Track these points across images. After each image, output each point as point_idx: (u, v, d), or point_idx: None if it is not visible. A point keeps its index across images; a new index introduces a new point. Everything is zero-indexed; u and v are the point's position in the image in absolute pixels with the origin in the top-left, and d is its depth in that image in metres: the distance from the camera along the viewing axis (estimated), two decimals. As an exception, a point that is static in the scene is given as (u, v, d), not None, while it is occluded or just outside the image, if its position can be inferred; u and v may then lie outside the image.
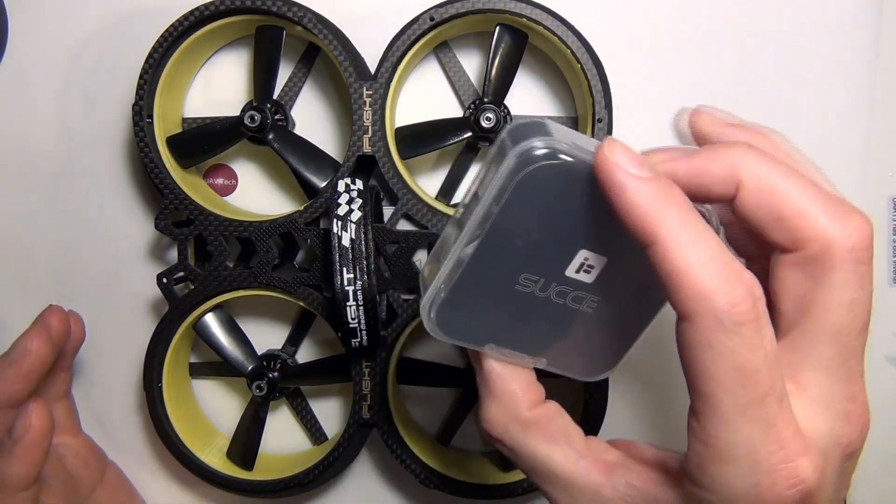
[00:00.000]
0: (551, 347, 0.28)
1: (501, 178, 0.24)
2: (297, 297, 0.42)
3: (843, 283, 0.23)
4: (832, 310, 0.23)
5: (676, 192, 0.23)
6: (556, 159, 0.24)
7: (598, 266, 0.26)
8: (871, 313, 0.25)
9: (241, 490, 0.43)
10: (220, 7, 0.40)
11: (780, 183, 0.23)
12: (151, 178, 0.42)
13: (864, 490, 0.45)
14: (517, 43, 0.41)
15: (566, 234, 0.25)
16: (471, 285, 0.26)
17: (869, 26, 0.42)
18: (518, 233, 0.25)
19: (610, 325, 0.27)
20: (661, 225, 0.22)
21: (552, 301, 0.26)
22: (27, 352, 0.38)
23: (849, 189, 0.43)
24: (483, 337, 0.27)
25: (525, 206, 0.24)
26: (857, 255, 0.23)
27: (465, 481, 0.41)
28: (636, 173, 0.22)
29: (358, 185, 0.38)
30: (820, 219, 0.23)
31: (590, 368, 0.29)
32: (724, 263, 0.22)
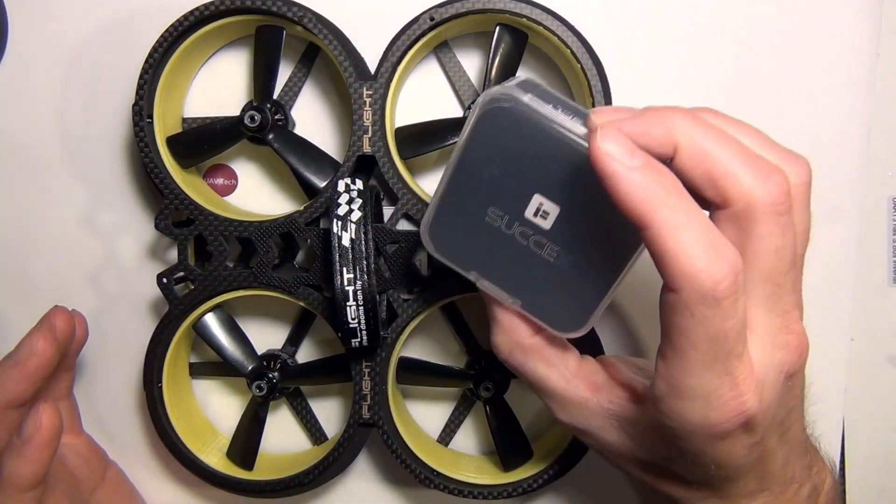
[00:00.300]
0: (524, 290, 0.31)
1: (471, 114, 0.28)
2: (297, 297, 0.42)
3: (768, 233, 0.26)
4: (761, 256, 0.26)
5: (667, 178, 0.25)
6: (508, 104, 0.27)
7: (553, 213, 0.29)
8: (808, 240, 0.29)
9: (241, 490, 0.43)
10: (220, 7, 0.40)
11: (712, 146, 0.26)
12: (151, 178, 0.42)
13: (864, 490, 0.45)
14: (517, 43, 0.41)
15: (523, 177, 0.29)
16: (451, 209, 0.31)
17: (869, 26, 0.42)
18: (481, 166, 0.29)
19: (574, 278, 0.30)
20: (654, 211, 0.25)
21: (517, 241, 0.30)
22: (33, 352, 0.38)
23: (849, 189, 0.43)
24: (468, 263, 0.32)
25: (485, 142, 0.28)
26: (776, 209, 0.26)
27: (465, 481, 0.41)
28: (629, 163, 0.25)
29: (358, 185, 0.38)
30: (744, 179, 0.26)
31: (562, 322, 0.31)
32: (710, 243, 0.25)
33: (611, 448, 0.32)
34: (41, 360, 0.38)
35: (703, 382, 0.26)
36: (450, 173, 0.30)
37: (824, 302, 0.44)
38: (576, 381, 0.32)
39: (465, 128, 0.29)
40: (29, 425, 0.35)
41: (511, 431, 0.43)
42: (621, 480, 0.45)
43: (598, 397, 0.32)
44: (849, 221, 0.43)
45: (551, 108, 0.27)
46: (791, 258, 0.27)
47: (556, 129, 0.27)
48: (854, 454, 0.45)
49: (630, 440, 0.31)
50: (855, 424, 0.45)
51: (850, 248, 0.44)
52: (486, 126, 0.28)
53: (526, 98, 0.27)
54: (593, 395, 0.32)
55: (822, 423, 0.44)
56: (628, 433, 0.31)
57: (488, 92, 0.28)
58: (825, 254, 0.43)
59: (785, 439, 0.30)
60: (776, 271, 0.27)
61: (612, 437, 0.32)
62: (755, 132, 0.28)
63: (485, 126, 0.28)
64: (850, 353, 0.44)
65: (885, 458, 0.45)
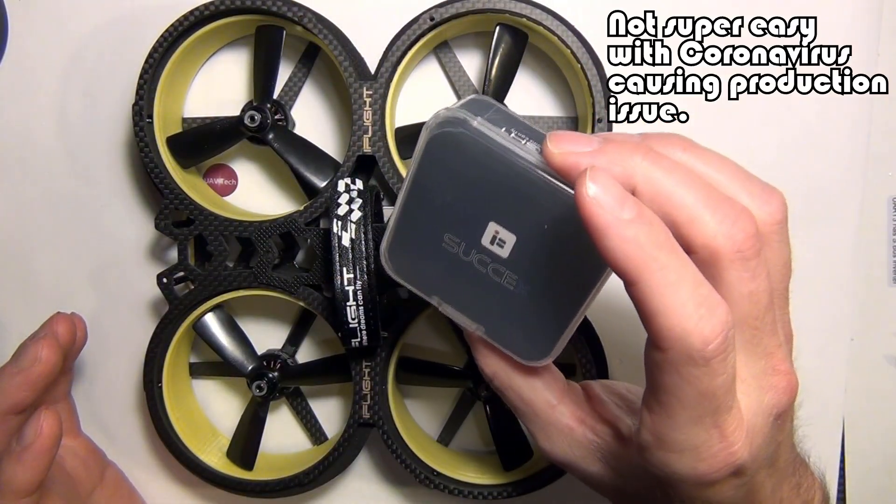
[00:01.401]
0: (487, 317, 0.30)
1: (420, 138, 0.27)
2: (297, 297, 0.42)
3: (737, 280, 0.25)
4: (735, 303, 0.25)
5: (658, 232, 0.24)
6: (456, 128, 0.26)
7: (510, 242, 0.27)
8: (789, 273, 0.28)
9: (241, 490, 0.43)
10: (220, 7, 0.40)
11: (672, 190, 0.25)
12: (151, 178, 0.42)
13: (864, 490, 0.45)
14: (517, 43, 0.41)
15: (476, 204, 0.27)
16: (407, 233, 0.29)
17: (869, 26, 0.42)
18: (434, 192, 0.28)
19: (536, 307, 0.28)
20: (644, 269, 0.23)
21: (476, 268, 0.28)
22: (37, 360, 0.38)
23: (849, 189, 0.43)
24: (429, 287, 0.30)
25: (436, 167, 0.27)
26: (742, 255, 0.25)
27: (465, 481, 0.41)
28: (620, 215, 0.23)
29: (358, 185, 0.38)
30: (708, 225, 0.24)
31: (527, 350, 0.30)
32: (700, 301, 0.24)
33: (593, 479, 0.32)
34: (45, 367, 0.38)
35: (690, 437, 0.25)
36: (403, 197, 0.28)
37: (824, 302, 0.44)
38: (560, 407, 0.31)
39: (415, 152, 0.27)
40: (29, 431, 0.35)
41: (511, 431, 0.43)
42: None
43: (583, 428, 0.31)
44: (849, 221, 0.43)
45: (503, 132, 0.26)
46: (766, 300, 0.26)
47: (509, 156, 0.26)
48: (854, 454, 0.45)
49: (614, 474, 0.31)
50: (855, 424, 0.45)
51: (850, 248, 0.44)
52: (435, 151, 0.27)
53: (476, 122, 0.26)
54: (578, 426, 0.31)
55: (822, 423, 0.45)
56: (612, 467, 0.31)
57: (437, 114, 0.26)
58: (825, 254, 0.43)
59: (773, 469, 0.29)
60: (752, 316, 0.26)
61: (596, 468, 0.31)
62: (726, 165, 0.27)
63: (434, 151, 0.27)
64: (850, 353, 0.44)
65: (885, 458, 0.45)
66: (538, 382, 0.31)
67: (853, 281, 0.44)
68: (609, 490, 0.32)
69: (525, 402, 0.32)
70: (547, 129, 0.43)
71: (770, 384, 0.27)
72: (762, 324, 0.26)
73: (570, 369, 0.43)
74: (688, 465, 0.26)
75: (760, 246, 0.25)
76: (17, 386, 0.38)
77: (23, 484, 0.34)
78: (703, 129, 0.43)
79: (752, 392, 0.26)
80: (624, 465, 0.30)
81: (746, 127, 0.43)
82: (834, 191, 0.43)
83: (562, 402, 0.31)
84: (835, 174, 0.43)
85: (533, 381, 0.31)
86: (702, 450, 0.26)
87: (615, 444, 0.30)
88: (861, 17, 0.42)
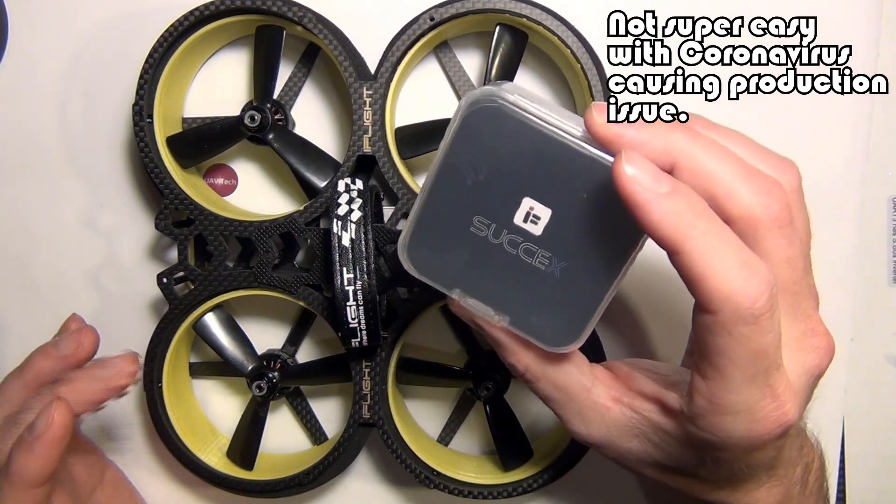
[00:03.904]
0: (513, 304, 0.29)
1: (453, 119, 0.27)
2: (297, 297, 0.42)
3: (775, 247, 0.26)
4: (775, 269, 0.26)
5: (695, 201, 0.25)
6: (494, 104, 0.26)
7: (544, 218, 0.27)
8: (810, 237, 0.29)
9: (241, 490, 0.43)
10: (220, 7, 0.40)
11: (711, 165, 0.26)
12: (151, 178, 0.42)
13: (864, 490, 0.45)
14: (517, 43, 0.41)
15: (511, 180, 0.27)
16: (432, 222, 0.29)
17: (869, 26, 0.42)
18: (466, 171, 0.27)
19: (568, 286, 0.28)
20: (686, 238, 0.24)
21: (506, 250, 0.28)
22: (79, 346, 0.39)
23: (849, 189, 0.43)
24: (451, 280, 0.30)
25: (470, 145, 0.27)
26: (779, 222, 0.26)
27: (465, 481, 0.41)
28: (658, 189, 0.24)
29: (358, 185, 0.38)
30: (745, 197, 0.26)
31: (555, 335, 0.30)
32: (744, 262, 0.25)
33: (630, 455, 0.32)
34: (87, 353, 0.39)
35: (745, 398, 0.26)
36: (430, 183, 0.28)
37: (824, 302, 0.43)
38: (595, 389, 0.32)
39: (447, 133, 0.27)
40: (41, 422, 0.34)
41: (511, 431, 0.43)
42: (620, 481, 0.45)
43: (620, 406, 0.31)
44: (849, 221, 0.43)
45: (538, 107, 0.26)
46: (803, 265, 0.27)
47: (547, 128, 0.26)
48: (854, 454, 0.45)
49: (653, 448, 0.31)
50: (855, 424, 0.45)
51: (850, 248, 0.44)
52: (470, 129, 0.27)
53: (512, 98, 0.26)
54: (615, 404, 0.31)
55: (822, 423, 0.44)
56: (652, 442, 0.31)
57: (470, 94, 0.27)
58: (825, 254, 0.43)
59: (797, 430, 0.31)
60: (791, 280, 0.27)
61: (633, 444, 0.31)
62: (746, 140, 0.28)
63: (469, 129, 0.27)
64: (850, 353, 0.44)
65: (885, 458, 0.45)
66: (570, 367, 0.31)
67: (853, 281, 0.44)
68: (647, 465, 0.32)
69: (560, 388, 0.32)
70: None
71: (811, 345, 0.28)
72: (800, 287, 0.27)
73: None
74: (743, 427, 0.27)
75: (793, 215, 0.27)
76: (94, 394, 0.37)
77: (34, 474, 0.34)
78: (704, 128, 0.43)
79: (796, 354, 0.28)
80: (667, 438, 0.30)
81: (746, 127, 0.43)
82: (834, 191, 0.43)
83: (595, 383, 0.32)
84: (835, 174, 0.43)
85: (566, 367, 0.31)
86: (756, 409, 0.26)
87: (659, 418, 0.30)
88: (861, 17, 0.42)
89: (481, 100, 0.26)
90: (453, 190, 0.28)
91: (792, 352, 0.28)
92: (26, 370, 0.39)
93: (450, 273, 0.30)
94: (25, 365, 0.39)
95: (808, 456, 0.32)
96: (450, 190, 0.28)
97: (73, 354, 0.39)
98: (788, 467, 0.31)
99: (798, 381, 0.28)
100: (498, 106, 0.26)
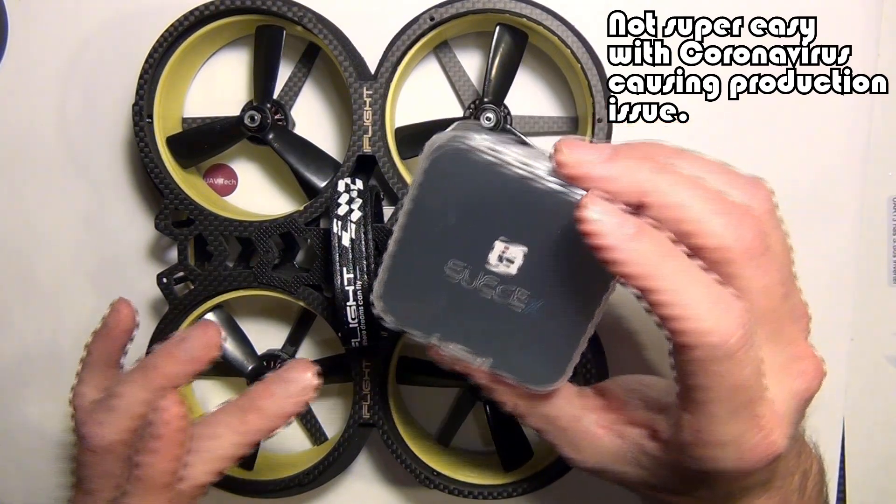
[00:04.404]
0: (493, 347, 0.29)
1: (419, 164, 0.26)
2: (297, 297, 0.42)
3: (750, 277, 0.26)
4: (752, 299, 0.26)
5: (661, 241, 0.25)
6: (459, 147, 0.26)
7: (519, 258, 0.27)
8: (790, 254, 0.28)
9: (241, 490, 0.43)
10: (220, 7, 0.40)
11: (680, 198, 0.25)
12: (151, 178, 0.42)
13: (864, 490, 0.45)
14: (517, 43, 0.41)
15: (482, 223, 0.27)
16: (404, 269, 0.28)
17: (869, 26, 0.42)
18: (435, 217, 0.27)
19: (547, 324, 0.28)
20: (655, 279, 0.24)
21: (482, 293, 0.28)
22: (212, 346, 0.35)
23: (849, 189, 0.43)
24: (428, 327, 0.29)
25: (437, 190, 0.26)
26: (752, 252, 0.26)
27: (465, 481, 0.41)
28: (623, 232, 0.24)
29: (358, 185, 0.38)
30: (716, 228, 0.25)
31: (538, 375, 0.29)
32: (715, 299, 0.25)
33: (626, 480, 0.32)
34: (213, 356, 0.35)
35: (730, 430, 0.26)
36: (400, 231, 0.28)
37: (824, 302, 0.44)
38: (585, 419, 0.31)
39: (413, 180, 0.27)
40: (157, 420, 0.32)
41: (511, 431, 0.43)
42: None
43: (610, 434, 0.31)
44: (849, 221, 0.43)
45: (503, 148, 0.26)
46: (781, 290, 0.27)
47: (513, 168, 0.26)
48: (854, 454, 0.45)
49: (647, 473, 0.31)
50: (855, 424, 0.45)
51: (850, 248, 0.44)
52: (436, 174, 0.26)
53: (476, 140, 0.26)
54: (605, 433, 0.31)
55: (822, 423, 0.44)
56: (645, 467, 0.31)
57: (434, 139, 0.26)
58: (825, 254, 0.43)
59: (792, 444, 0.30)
60: (770, 308, 0.26)
61: (626, 469, 0.31)
62: (714, 166, 0.28)
63: (435, 174, 0.26)
64: (850, 353, 0.44)
65: (885, 458, 0.45)
66: (558, 400, 0.31)
67: (853, 281, 0.44)
68: (643, 487, 0.32)
69: (550, 421, 0.32)
70: (547, 129, 0.44)
71: (798, 370, 0.28)
72: (780, 315, 0.27)
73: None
74: (731, 458, 0.27)
75: (768, 243, 0.26)
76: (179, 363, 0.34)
77: (162, 474, 0.32)
78: (703, 129, 0.43)
79: (782, 380, 0.27)
80: (659, 464, 0.30)
81: (746, 127, 0.43)
82: (834, 191, 0.43)
83: (584, 413, 0.31)
84: (835, 174, 0.43)
85: (554, 401, 0.31)
86: (742, 441, 0.26)
87: (650, 446, 0.30)
88: (861, 17, 0.42)
89: (445, 145, 0.26)
90: (424, 236, 0.28)
91: (778, 379, 0.27)
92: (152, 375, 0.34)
93: (427, 320, 0.29)
94: (148, 367, 0.34)
95: (806, 462, 0.32)
96: (420, 236, 0.28)
97: (203, 356, 0.34)
98: (786, 477, 0.31)
99: (785, 408, 0.27)
100: (462, 150, 0.26)
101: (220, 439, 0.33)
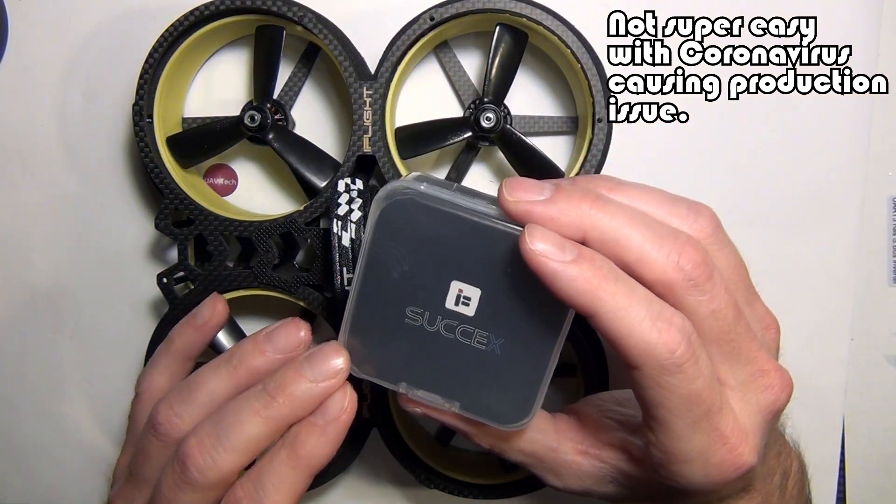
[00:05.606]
0: (461, 388, 0.30)
1: (370, 216, 0.28)
2: (297, 297, 0.42)
3: (696, 304, 0.26)
4: (702, 324, 0.27)
5: (602, 265, 0.26)
6: (406, 196, 0.27)
7: (475, 298, 0.28)
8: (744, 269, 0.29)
9: (241, 490, 0.43)
10: (220, 7, 0.40)
11: (619, 233, 0.26)
12: (151, 178, 0.42)
13: (864, 490, 0.45)
14: (517, 43, 0.41)
15: (436, 267, 0.28)
16: (366, 319, 0.29)
17: (869, 26, 0.42)
18: (391, 265, 0.28)
19: (508, 364, 0.29)
20: (596, 300, 0.25)
21: (443, 336, 0.28)
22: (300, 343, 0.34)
23: (849, 189, 0.43)
24: (395, 374, 0.30)
25: (390, 239, 0.28)
26: (695, 281, 0.26)
27: (465, 481, 0.41)
28: (562, 259, 0.25)
29: (358, 185, 0.38)
30: (657, 260, 0.26)
31: (505, 413, 0.30)
32: (656, 315, 0.25)
33: (612, 497, 0.33)
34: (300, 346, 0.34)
35: (694, 445, 0.27)
36: (358, 282, 0.29)
37: (824, 302, 0.44)
38: (561, 448, 0.32)
39: (366, 231, 0.28)
40: (335, 404, 0.31)
41: (511, 431, 0.43)
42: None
43: (588, 459, 0.32)
44: (849, 221, 0.43)
45: (450, 193, 0.27)
46: (732, 312, 0.27)
47: (460, 212, 0.27)
48: (854, 454, 0.45)
49: (629, 490, 0.32)
50: (855, 424, 0.45)
51: (850, 248, 0.44)
52: (387, 223, 0.27)
53: (422, 187, 0.27)
54: (583, 458, 0.32)
55: (822, 423, 0.44)
56: (626, 486, 0.32)
57: (383, 189, 0.27)
58: (825, 254, 0.43)
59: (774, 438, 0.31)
60: (723, 331, 0.27)
61: (609, 489, 0.32)
62: (654, 195, 0.28)
63: (387, 223, 0.27)
64: (850, 353, 0.44)
65: (885, 458, 0.45)
66: (532, 434, 0.32)
67: (853, 281, 0.44)
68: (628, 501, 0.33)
69: (527, 454, 0.32)
70: (547, 129, 0.44)
71: (762, 385, 0.28)
72: (736, 335, 0.27)
73: (570, 369, 0.43)
74: (700, 473, 0.27)
75: (712, 268, 0.27)
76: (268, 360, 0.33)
77: (323, 458, 0.31)
78: (703, 129, 0.43)
79: (746, 397, 0.28)
80: (639, 482, 0.31)
81: (746, 127, 0.43)
82: (834, 191, 0.43)
83: (560, 442, 0.32)
84: (835, 174, 0.43)
85: (527, 434, 0.32)
86: (708, 455, 0.27)
87: (627, 466, 0.31)
88: (861, 17, 0.42)
89: (394, 194, 0.27)
90: (381, 284, 0.28)
91: (742, 396, 0.28)
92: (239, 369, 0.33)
93: (393, 367, 0.30)
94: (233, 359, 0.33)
95: (786, 462, 0.33)
96: (378, 285, 0.28)
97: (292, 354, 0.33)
98: (766, 477, 0.31)
99: (751, 422, 0.28)
100: (410, 198, 0.27)
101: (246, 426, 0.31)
